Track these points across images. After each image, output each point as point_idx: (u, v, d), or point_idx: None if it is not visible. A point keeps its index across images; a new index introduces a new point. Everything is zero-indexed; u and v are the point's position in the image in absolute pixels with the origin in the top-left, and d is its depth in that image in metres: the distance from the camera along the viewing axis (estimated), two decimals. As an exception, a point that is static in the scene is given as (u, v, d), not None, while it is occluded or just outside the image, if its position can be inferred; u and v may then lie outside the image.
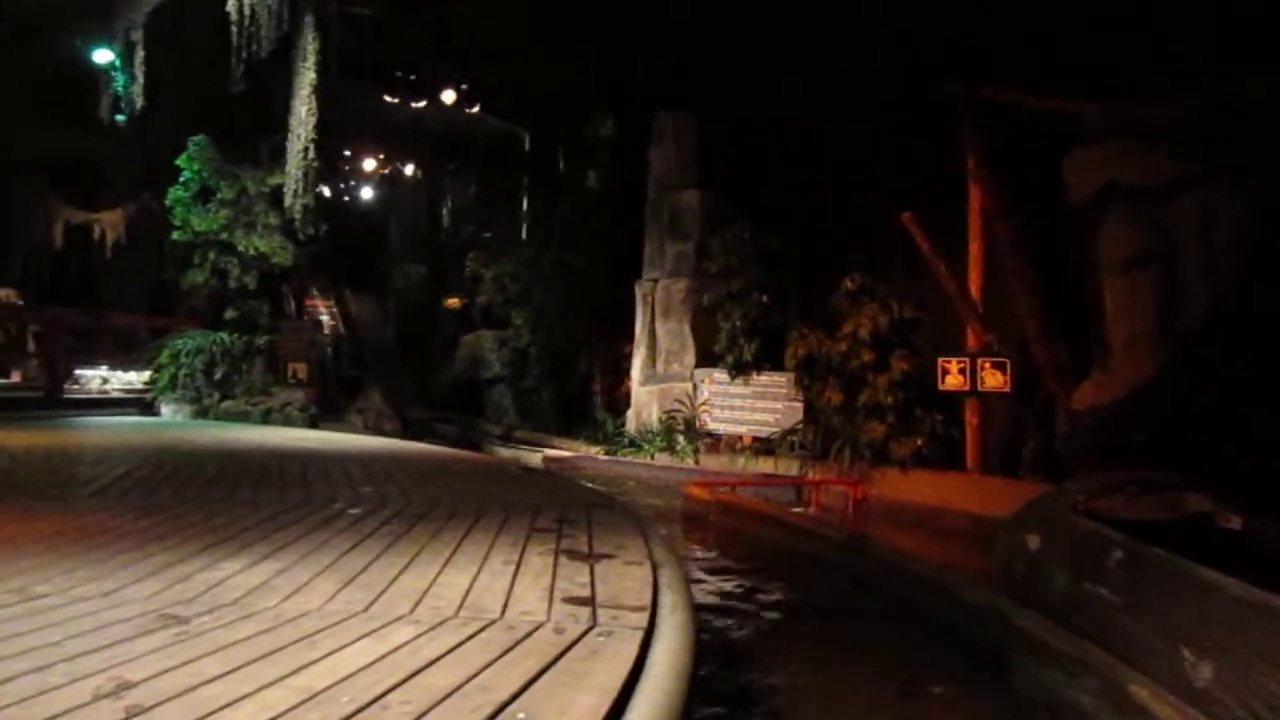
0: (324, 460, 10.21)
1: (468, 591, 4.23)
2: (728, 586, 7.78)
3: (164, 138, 19.36)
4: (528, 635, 3.53)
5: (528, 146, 30.13)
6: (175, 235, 18.55)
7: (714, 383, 15.88)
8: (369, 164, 30.36)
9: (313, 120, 16.18)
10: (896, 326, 12.01)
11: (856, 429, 12.18)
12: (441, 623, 3.68)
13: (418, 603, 4.00)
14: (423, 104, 22.94)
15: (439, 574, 4.60)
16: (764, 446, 14.75)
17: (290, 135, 16.82)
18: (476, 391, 25.93)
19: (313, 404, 18.28)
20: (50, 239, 26.92)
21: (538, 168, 28.69)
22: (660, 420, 16.68)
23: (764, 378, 15.25)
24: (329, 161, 30.20)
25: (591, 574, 4.68)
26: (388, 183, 36.08)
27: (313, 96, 16.09)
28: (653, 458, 16.14)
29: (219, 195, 18.64)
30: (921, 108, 12.03)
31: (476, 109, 23.93)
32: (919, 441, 11.56)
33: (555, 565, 4.86)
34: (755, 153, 16.16)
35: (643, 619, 3.83)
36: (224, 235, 18.40)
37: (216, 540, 5.32)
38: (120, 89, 19.46)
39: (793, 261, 15.35)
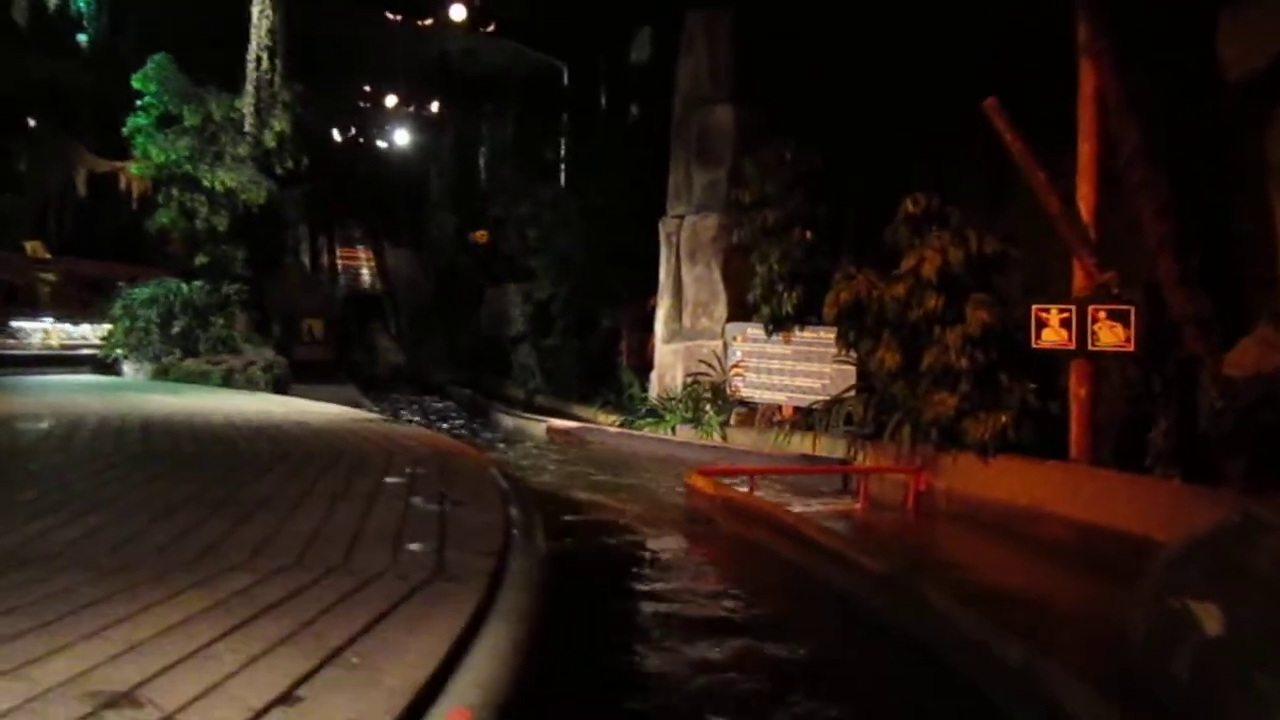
0: (208, 424, 9.46)
1: (310, 540, 4.16)
2: (697, 672, 4.89)
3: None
4: (369, 582, 3.46)
5: (566, 80, 27.36)
6: (134, 169, 16.17)
7: (748, 340, 12.94)
8: (391, 101, 27.65)
9: (266, 24, 13.49)
10: (974, 263, 8.91)
11: (919, 401, 9.16)
12: (278, 571, 3.59)
13: (256, 552, 3.92)
14: (428, 22, 20.20)
15: (281, 524, 4.50)
16: (807, 420, 11.78)
17: (249, 47, 14.16)
18: (504, 350, 23.33)
19: (281, 363, 15.67)
20: (72, 188, 24.99)
21: (577, 104, 25.87)
22: (684, 385, 13.81)
23: (808, 334, 12.27)
24: (343, 100, 27.81)
25: (442, 522, 4.63)
26: (427, 130, 33.52)
27: (265, -3, 13.38)
28: (673, 431, 13.32)
29: (184, 123, 16.07)
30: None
31: (491, 28, 21.14)
32: (1003, 419, 8.50)
33: (405, 513, 4.79)
34: (800, 55, 13.06)
35: (490, 564, 3.80)
36: (187, 168, 15.84)
37: (42, 492, 5.20)
38: (82, 4, 17.00)
39: (844, 187, 12.25)
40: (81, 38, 17.75)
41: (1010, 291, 9.61)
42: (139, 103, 15.93)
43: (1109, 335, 7.96)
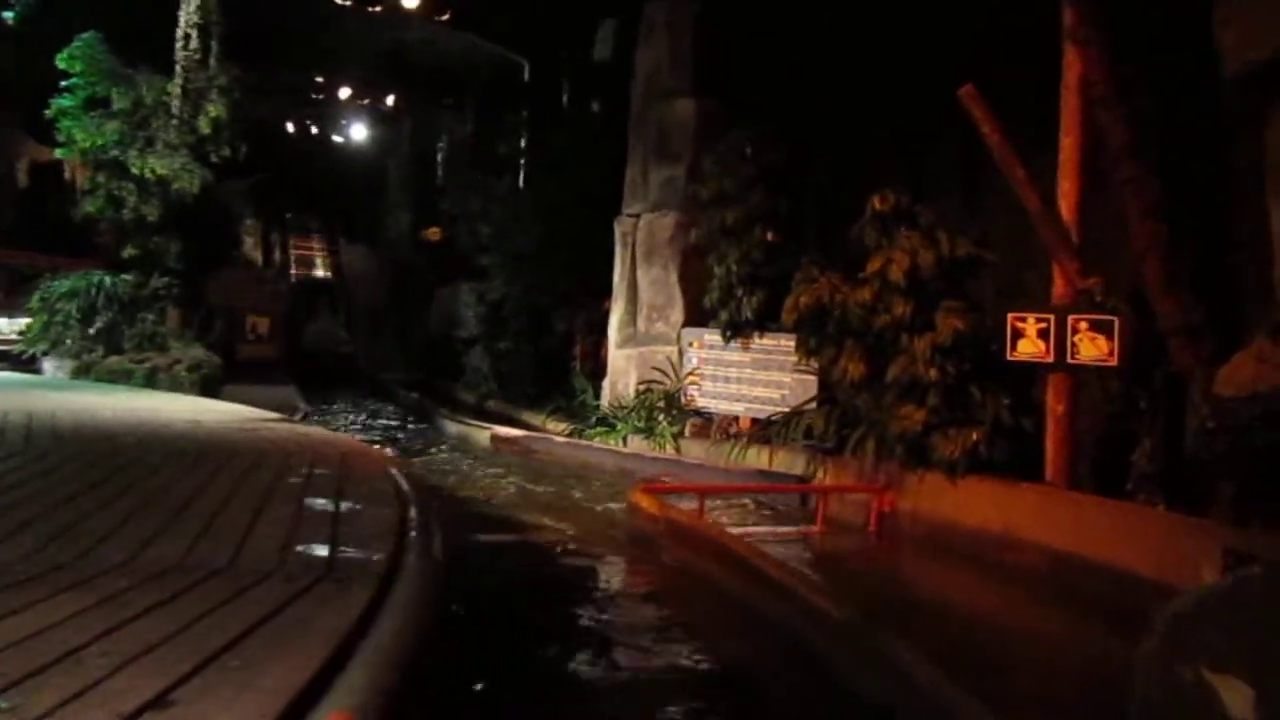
0: (95, 423, 8.72)
1: (195, 542, 3.99)
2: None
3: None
4: (255, 585, 3.33)
5: (527, 76, 26.61)
6: (59, 153, 15.17)
7: (704, 347, 12.21)
8: (344, 92, 26.69)
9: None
10: (945, 267, 8.22)
11: (885, 414, 8.47)
12: (161, 574, 3.43)
13: (137, 554, 3.72)
14: (378, 8, 19.34)
15: (167, 525, 4.31)
16: (765, 432, 11.06)
17: (178, 24, 13.26)
18: (456, 351, 22.45)
19: (211, 362, 14.71)
20: (12, 177, 23.82)
21: (539, 100, 25.05)
22: (637, 393, 13.06)
23: (768, 341, 11.54)
24: (294, 90, 26.84)
25: (335, 522, 4.51)
26: (385, 124, 32.61)
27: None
28: (624, 442, 12.56)
29: (113, 106, 15.14)
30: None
31: (446, 16, 20.29)
32: (974, 435, 7.83)
33: (299, 514, 4.67)
34: (766, 46, 12.38)
35: (383, 565, 3.68)
36: (115, 154, 14.91)
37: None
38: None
39: (809, 184, 11.56)
40: (7, 15, 16.68)
41: (983, 298, 8.98)
42: (63, 83, 14.95)
43: (1090, 348, 7.30)
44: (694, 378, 12.27)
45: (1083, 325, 7.33)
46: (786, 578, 5.50)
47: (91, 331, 14.41)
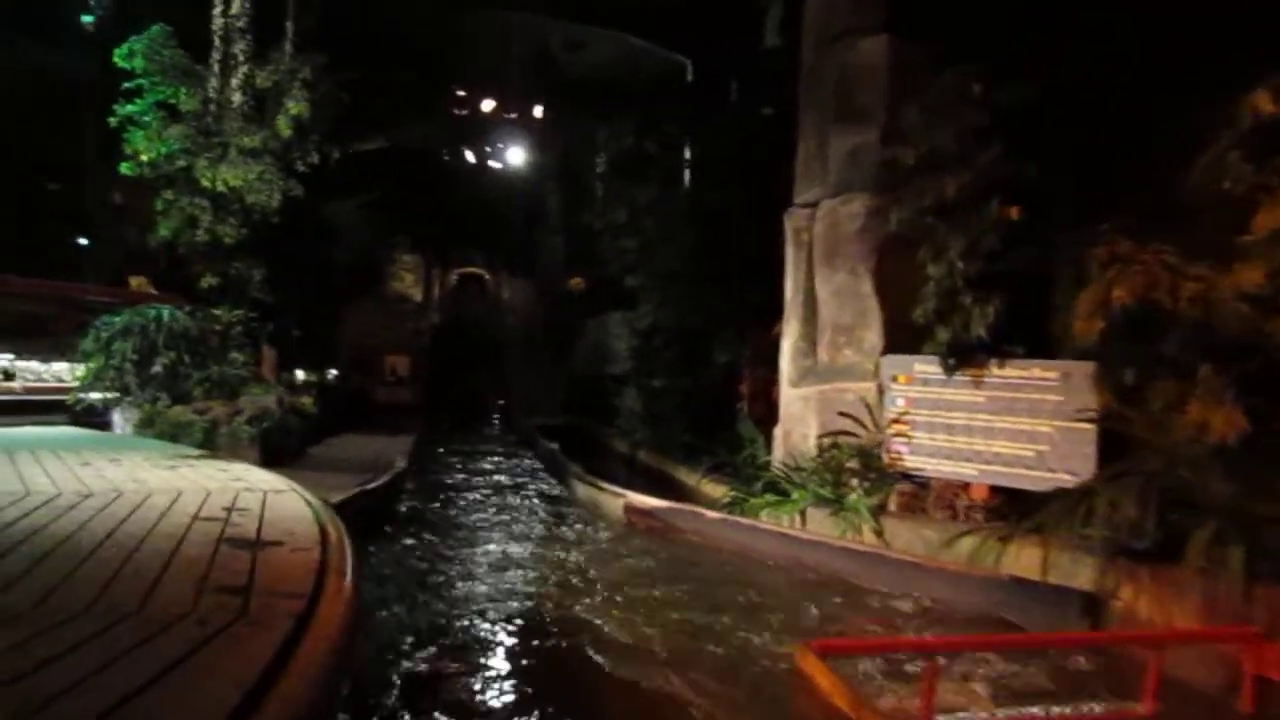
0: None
1: (107, 585, 3.69)
2: None
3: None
4: (167, 628, 3.15)
5: (690, 77, 23.71)
6: (123, 167, 12.84)
7: (914, 381, 8.44)
8: (488, 105, 24.18)
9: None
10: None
11: (1271, 504, 4.56)
12: (68, 620, 3.20)
13: (42, 600, 3.45)
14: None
15: (75, 570, 3.95)
16: (1017, 512, 7.19)
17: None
18: (607, 390, 19.25)
19: (278, 413, 11.85)
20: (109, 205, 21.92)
21: (703, 101, 21.96)
22: (819, 448, 9.35)
23: (1012, 371, 7.70)
24: (431, 104, 24.52)
25: (253, 561, 4.24)
26: (540, 142, 30.15)
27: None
28: (801, 518, 8.89)
29: (182, 109, 12.77)
30: None
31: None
32: None
33: (214, 554, 4.38)
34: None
35: (299, 606, 3.49)
36: (181, 163, 12.48)
37: None
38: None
39: (1069, 141, 7.68)
40: (87, 20, 14.68)
41: None
42: (126, 85, 12.65)
43: None
44: (900, 426, 8.50)
45: None
46: None
47: (149, 375, 11.85)
